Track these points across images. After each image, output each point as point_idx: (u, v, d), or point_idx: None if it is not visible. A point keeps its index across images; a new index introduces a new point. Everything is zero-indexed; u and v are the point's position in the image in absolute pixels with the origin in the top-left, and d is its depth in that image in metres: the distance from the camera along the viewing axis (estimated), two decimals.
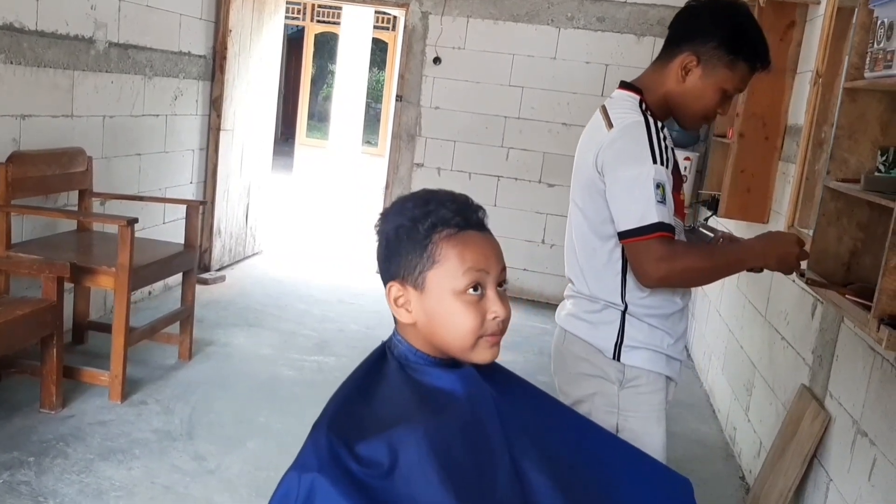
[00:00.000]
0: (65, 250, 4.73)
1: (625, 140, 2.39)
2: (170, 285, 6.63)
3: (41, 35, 4.79)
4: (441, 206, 1.63)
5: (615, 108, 2.50)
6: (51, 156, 4.85)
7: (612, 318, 2.50)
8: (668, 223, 2.32)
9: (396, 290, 1.65)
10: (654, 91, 2.51)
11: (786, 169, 4.67)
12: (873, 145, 2.82)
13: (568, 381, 2.64)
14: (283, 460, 4.24)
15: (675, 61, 2.48)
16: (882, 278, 2.26)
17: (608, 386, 2.51)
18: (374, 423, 1.53)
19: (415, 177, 8.06)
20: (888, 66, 2.50)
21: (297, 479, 1.45)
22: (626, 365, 2.49)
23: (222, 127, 7.27)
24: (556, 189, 7.78)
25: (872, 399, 3.01)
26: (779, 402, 4.15)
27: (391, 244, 1.65)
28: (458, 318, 1.60)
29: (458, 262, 1.60)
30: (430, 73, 7.91)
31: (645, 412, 2.52)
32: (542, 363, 6.22)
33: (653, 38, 7.42)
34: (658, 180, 2.31)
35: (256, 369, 5.37)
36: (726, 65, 2.42)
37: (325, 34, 18.49)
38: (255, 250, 8.51)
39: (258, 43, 7.78)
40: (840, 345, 3.40)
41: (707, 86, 2.45)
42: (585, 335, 2.55)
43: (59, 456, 3.91)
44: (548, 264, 7.92)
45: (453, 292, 1.60)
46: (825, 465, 3.41)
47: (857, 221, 2.84)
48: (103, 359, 4.75)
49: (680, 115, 2.55)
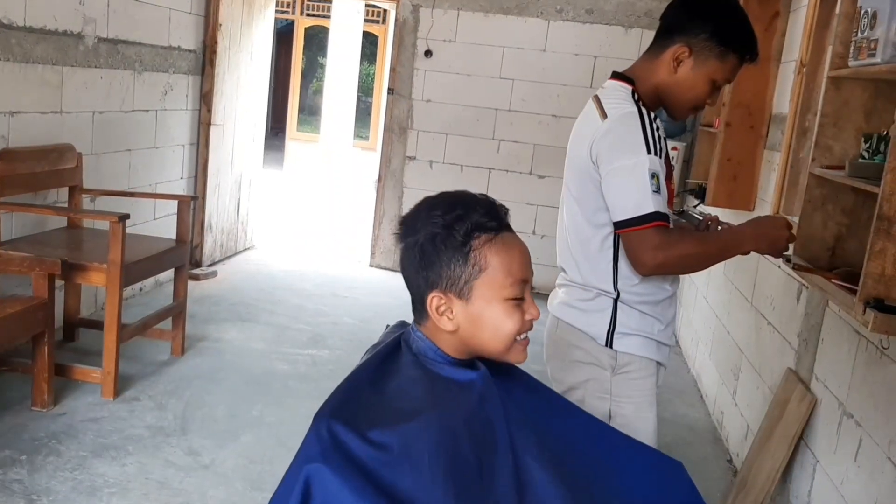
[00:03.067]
0: (55, 247, 4.71)
1: (619, 130, 2.42)
2: (161, 281, 6.62)
3: (29, 31, 4.77)
4: (471, 209, 1.66)
5: (608, 98, 2.52)
6: (40, 152, 4.83)
7: (604, 305, 2.54)
8: (664, 212, 2.36)
9: (438, 299, 1.67)
10: (646, 81, 2.54)
11: (771, 157, 4.73)
12: (857, 132, 2.88)
13: (561, 369, 2.68)
14: (278, 453, 4.26)
15: (668, 52, 2.51)
16: (867, 262, 2.30)
17: (601, 372, 2.56)
18: (385, 411, 1.56)
19: (407, 170, 8.08)
20: (872, 54, 2.53)
21: (298, 470, 1.47)
22: (618, 351, 2.54)
23: (213, 122, 7.24)
24: (547, 180, 7.83)
25: (858, 381, 3.06)
26: (765, 386, 4.21)
27: (427, 254, 1.66)
28: (503, 322, 1.68)
29: (505, 270, 1.66)
30: (421, 66, 7.93)
31: (637, 398, 2.57)
32: (533, 352, 6.19)
33: (640, 30, 7.49)
34: (653, 170, 2.35)
35: (249, 364, 5.36)
36: (717, 56, 2.47)
37: (315, 28, 18.43)
38: (247, 245, 8.50)
39: (248, 37, 7.76)
40: (825, 328, 3.47)
41: (698, 76, 2.49)
42: (578, 323, 2.59)
43: (51, 454, 3.90)
44: (539, 255, 7.75)
45: (501, 300, 1.66)
46: (812, 447, 3.46)
47: (842, 207, 2.89)
48: (95, 356, 4.74)
49: (670, 105, 2.58)
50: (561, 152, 2.75)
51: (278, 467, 1.47)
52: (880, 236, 2.28)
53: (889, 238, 2.27)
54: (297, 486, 1.46)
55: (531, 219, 7.98)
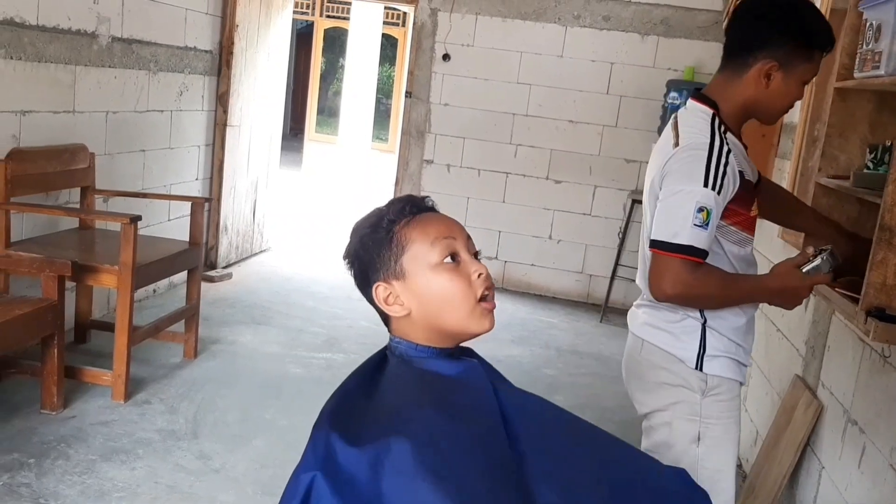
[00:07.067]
0: (66, 248, 4.69)
1: (684, 160, 2.41)
2: (175, 283, 6.59)
3: (42, 30, 4.75)
4: (391, 205, 1.72)
5: (686, 122, 2.52)
6: (52, 152, 4.81)
7: (693, 328, 2.55)
8: (700, 248, 2.35)
9: (383, 289, 1.70)
10: (731, 101, 2.53)
11: (781, 165, 4.78)
12: (862, 143, 2.94)
13: (645, 390, 2.68)
14: (290, 458, 4.22)
15: (752, 70, 2.49)
16: (869, 272, 2.34)
17: (690, 395, 2.56)
18: (376, 417, 1.56)
19: (424, 173, 8.06)
20: (876, 66, 2.58)
21: (297, 479, 1.49)
22: (708, 374, 2.54)
23: (229, 123, 7.23)
24: (563, 185, 7.82)
25: (862, 388, 3.11)
26: (774, 392, 4.27)
27: (361, 256, 1.72)
28: (446, 287, 1.66)
29: (423, 238, 1.67)
30: (439, 69, 7.91)
31: (725, 419, 2.58)
32: (548, 357, 6.22)
33: (656, 37, 7.49)
34: (702, 204, 2.34)
35: (263, 367, 5.33)
36: (805, 59, 2.46)
37: (335, 29, 18.45)
38: (263, 247, 8.48)
39: (266, 38, 7.75)
40: (831, 336, 3.52)
41: (790, 84, 2.49)
42: (666, 345, 2.59)
43: (60, 457, 3.87)
44: (555, 260, 7.98)
45: (431, 266, 1.66)
46: (818, 453, 3.52)
47: (847, 216, 2.96)
48: (106, 358, 4.71)
49: (763, 115, 2.59)
50: (577, 158, 2.76)
51: (289, 472, 1.47)
52: (882, 246, 2.32)
53: (891, 248, 2.31)
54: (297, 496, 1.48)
55: (548, 224, 7.96)
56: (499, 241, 7.97)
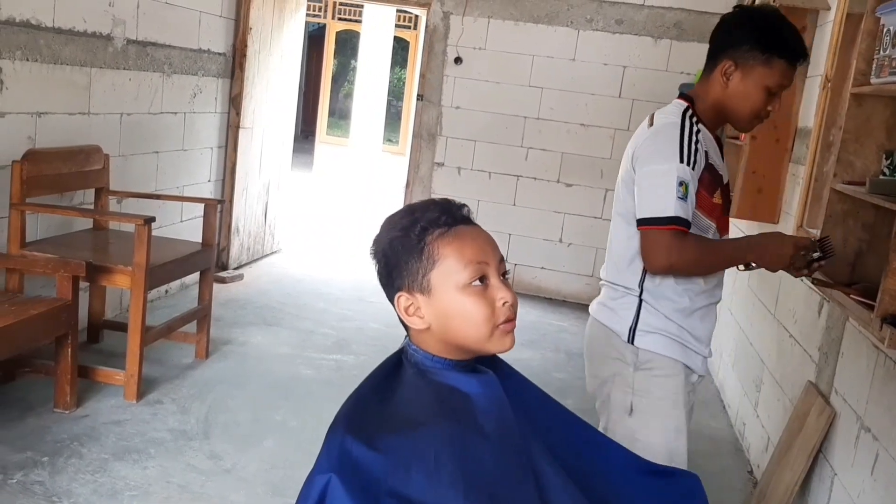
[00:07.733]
0: (80, 249, 4.71)
1: (658, 138, 2.60)
2: (187, 284, 6.62)
3: (58, 32, 4.78)
4: (426, 210, 1.68)
5: (661, 112, 2.73)
6: (67, 153, 4.84)
7: (629, 304, 2.69)
8: (685, 218, 2.50)
9: (405, 299, 1.68)
10: (705, 100, 2.70)
11: (796, 170, 4.77)
12: (878, 149, 2.94)
13: (596, 364, 2.83)
14: (300, 459, 4.26)
15: (716, 70, 2.66)
16: (885, 279, 2.35)
17: (624, 367, 2.70)
18: (393, 422, 1.56)
19: (435, 176, 8.06)
20: (893, 72, 2.59)
21: (312, 481, 1.50)
22: (639, 348, 2.67)
23: (241, 125, 7.26)
24: (575, 189, 7.80)
25: (875, 395, 3.10)
26: (786, 398, 4.25)
27: (389, 259, 1.69)
28: (469, 310, 1.63)
29: (457, 257, 1.63)
30: (451, 72, 7.92)
31: (658, 395, 2.68)
32: (558, 360, 6.22)
33: (669, 41, 7.48)
34: (682, 178, 2.50)
35: (274, 368, 5.35)
36: (763, 63, 2.59)
37: (347, 32, 18.49)
38: (274, 249, 8.51)
39: (279, 40, 7.78)
40: (845, 342, 3.51)
41: (749, 86, 2.62)
42: (606, 320, 2.75)
43: (73, 456, 3.90)
44: (566, 263, 7.97)
45: (459, 287, 1.63)
46: (830, 460, 3.51)
47: (863, 223, 2.95)
48: (119, 358, 4.74)
49: (731, 118, 2.72)
50: (589, 161, 2.84)
51: (300, 473, 1.48)
52: None
53: None
54: (311, 498, 1.48)
55: (558, 227, 7.96)
56: (509, 244, 7.95)
